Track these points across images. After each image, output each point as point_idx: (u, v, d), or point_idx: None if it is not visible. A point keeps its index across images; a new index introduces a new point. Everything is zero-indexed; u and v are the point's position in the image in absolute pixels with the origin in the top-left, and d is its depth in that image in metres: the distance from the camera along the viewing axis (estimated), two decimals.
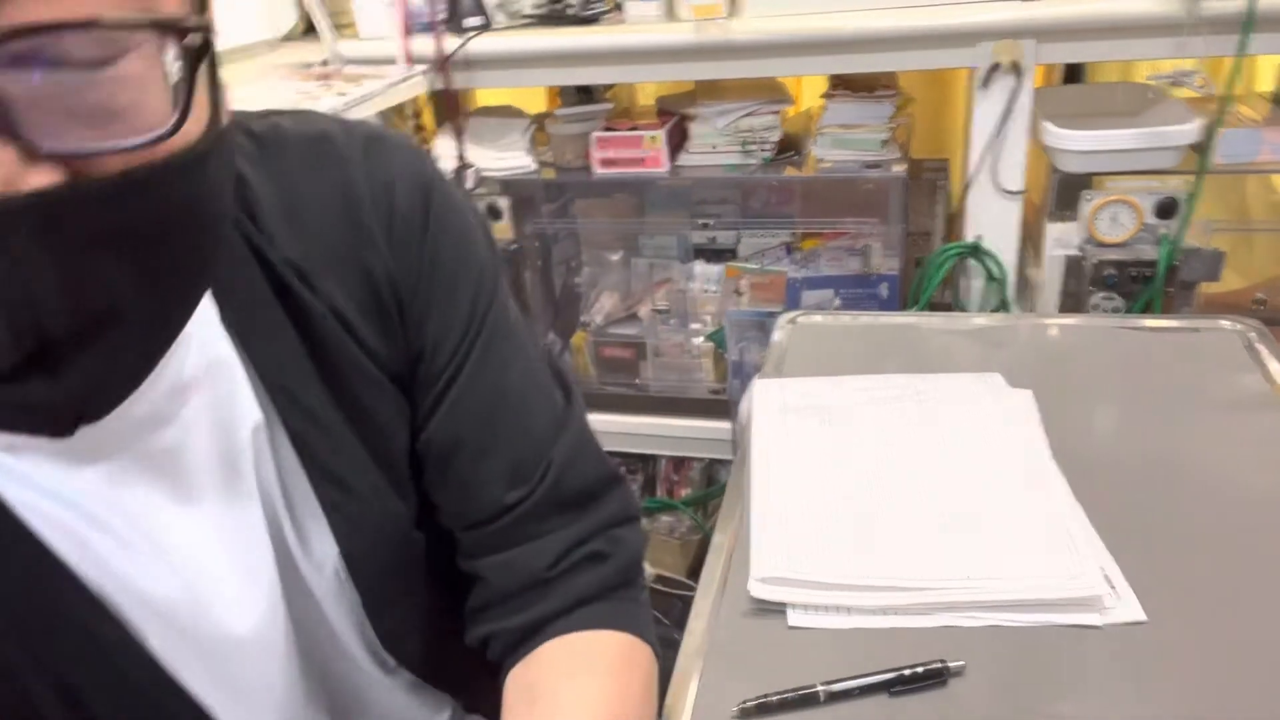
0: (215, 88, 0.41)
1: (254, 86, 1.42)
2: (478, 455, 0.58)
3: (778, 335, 1.03)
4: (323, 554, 0.55)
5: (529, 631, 0.58)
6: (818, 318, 1.07)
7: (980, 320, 1.17)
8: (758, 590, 0.64)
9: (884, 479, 0.74)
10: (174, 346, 0.44)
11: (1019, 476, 0.73)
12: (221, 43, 0.42)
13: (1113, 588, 0.62)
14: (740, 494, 0.77)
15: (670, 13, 1.53)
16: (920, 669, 0.58)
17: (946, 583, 0.63)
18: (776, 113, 1.64)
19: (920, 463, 0.76)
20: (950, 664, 0.58)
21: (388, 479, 0.56)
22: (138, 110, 0.37)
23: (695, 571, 1.94)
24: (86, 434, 0.42)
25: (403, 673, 0.63)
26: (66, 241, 0.36)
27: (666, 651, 1.99)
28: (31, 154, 0.35)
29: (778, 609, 0.64)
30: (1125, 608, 0.61)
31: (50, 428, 0.41)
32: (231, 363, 0.51)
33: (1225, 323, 0.91)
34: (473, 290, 0.57)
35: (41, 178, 0.35)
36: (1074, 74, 1.86)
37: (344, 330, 0.53)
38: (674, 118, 1.71)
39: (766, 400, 0.86)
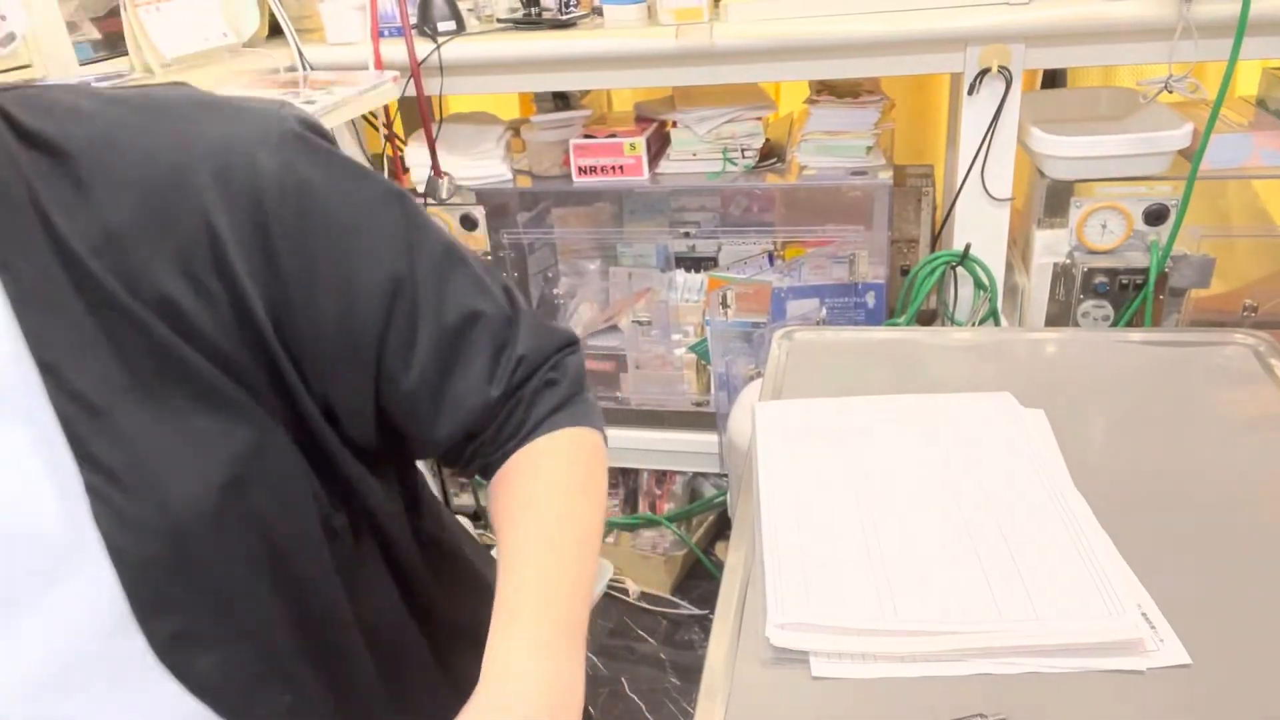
0: None
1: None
2: (459, 373, 0.61)
3: (775, 353, 0.99)
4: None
5: (506, 456, 0.65)
6: (811, 333, 1.03)
7: (980, 334, 1.14)
8: (777, 638, 0.60)
9: (901, 511, 0.70)
10: None
11: (1042, 506, 0.69)
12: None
13: (1153, 627, 0.59)
14: (748, 522, 0.73)
15: (651, 17, 1.49)
16: None
17: (978, 626, 0.59)
18: (759, 119, 1.61)
19: (938, 492, 0.72)
20: (990, 716, 0.54)
21: (190, 469, 0.52)
22: None
23: (680, 588, 1.90)
24: None
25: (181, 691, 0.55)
26: None
27: (653, 670, 1.93)
28: None
29: (800, 656, 0.60)
30: (1168, 650, 0.58)
31: None
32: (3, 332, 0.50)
33: (1239, 335, 0.89)
34: (375, 238, 0.57)
35: None
36: (1053, 79, 1.84)
37: (157, 310, 0.51)
38: (653, 124, 1.67)
39: (770, 425, 0.82)
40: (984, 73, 1.37)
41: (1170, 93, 1.32)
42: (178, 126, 0.53)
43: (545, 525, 0.60)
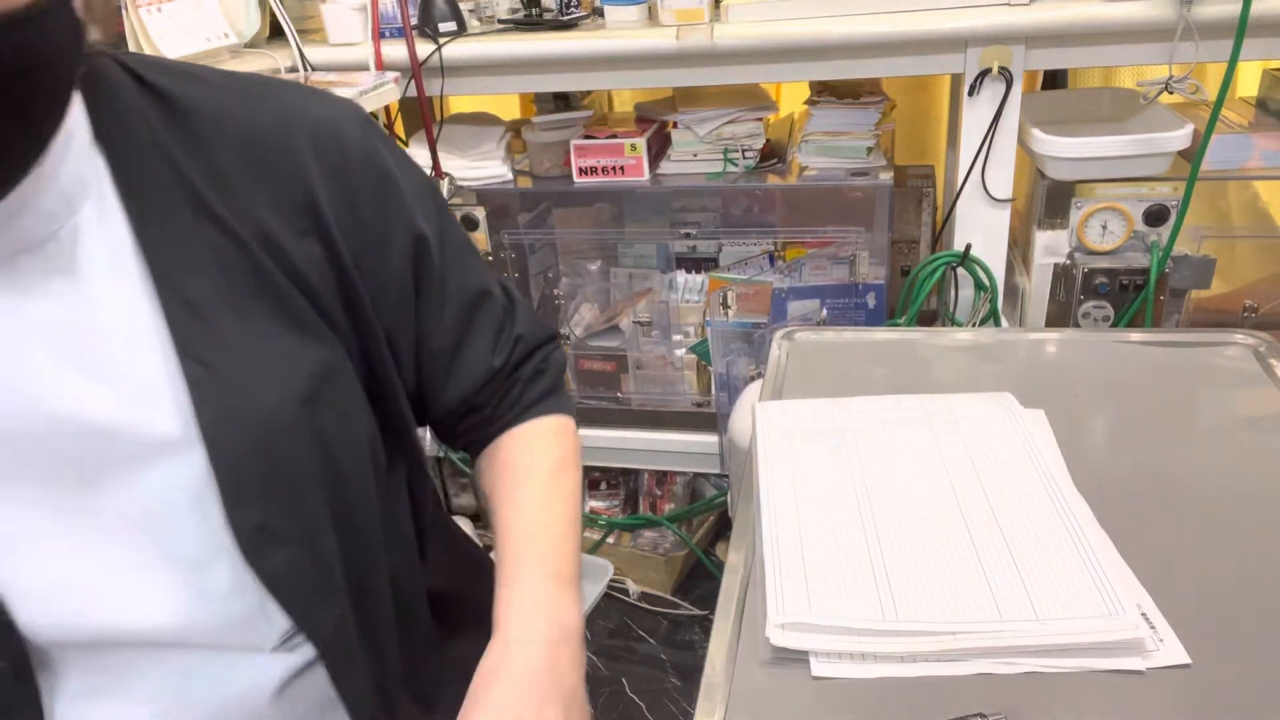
0: None
1: None
2: (471, 341, 0.71)
3: (775, 353, 0.99)
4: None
5: (499, 433, 0.75)
6: (812, 333, 1.03)
7: (981, 335, 1.14)
8: (777, 638, 0.60)
9: (902, 510, 0.70)
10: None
11: (1042, 506, 0.70)
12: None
13: (1153, 627, 0.59)
14: (748, 522, 0.73)
15: (652, 18, 1.49)
16: None
17: (978, 626, 0.59)
18: (759, 119, 1.61)
19: (938, 492, 0.72)
20: (989, 716, 0.54)
21: (276, 379, 0.58)
22: None
23: (680, 588, 1.90)
24: None
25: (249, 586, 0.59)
26: None
27: (653, 671, 1.93)
28: None
29: (800, 656, 0.60)
30: (1168, 650, 0.58)
31: None
32: (121, 239, 0.56)
33: (1239, 336, 0.89)
34: (422, 208, 0.67)
35: None
36: (1054, 80, 1.84)
37: (258, 240, 0.58)
38: (654, 125, 1.67)
39: (771, 425, 0.82)
40: (984, 74, 1.37)
41: (1170, 93, 1.32)
42: (280, 100, 0.62)
43: (541, 491, 0.71)
